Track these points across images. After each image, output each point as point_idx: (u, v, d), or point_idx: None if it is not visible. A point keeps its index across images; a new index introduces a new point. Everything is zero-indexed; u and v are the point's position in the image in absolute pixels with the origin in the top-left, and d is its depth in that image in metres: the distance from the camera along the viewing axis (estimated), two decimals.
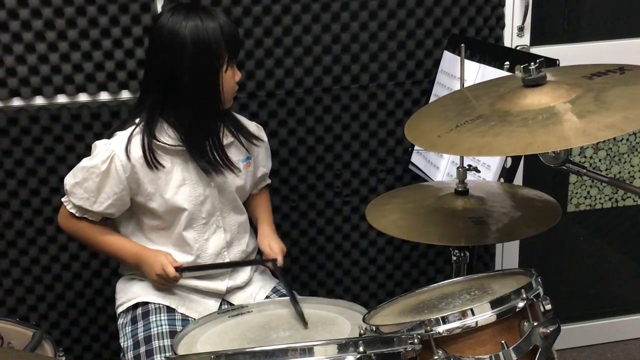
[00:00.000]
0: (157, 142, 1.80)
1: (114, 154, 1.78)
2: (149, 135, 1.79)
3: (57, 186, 2.22)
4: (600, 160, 2.71)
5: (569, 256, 2.82)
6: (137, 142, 1.79)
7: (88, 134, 2.22)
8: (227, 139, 1.91)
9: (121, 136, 1.81)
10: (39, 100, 2.20)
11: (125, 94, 2.23)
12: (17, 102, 2.19)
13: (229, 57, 1.79)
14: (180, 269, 1.84)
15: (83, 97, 2.22)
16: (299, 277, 2.50)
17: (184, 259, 1.87)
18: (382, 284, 2.59)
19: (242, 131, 1.95)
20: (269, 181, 2.14)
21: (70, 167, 1.87)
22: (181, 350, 1.55)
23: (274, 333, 1.59)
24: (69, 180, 1.83)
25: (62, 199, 1.87)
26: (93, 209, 1.82)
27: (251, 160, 1.98)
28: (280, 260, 1.94)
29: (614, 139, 2.68)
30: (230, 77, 1.82)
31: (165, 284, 1.86)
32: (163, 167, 1.81)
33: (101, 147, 1.80)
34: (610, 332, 2.89)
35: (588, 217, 2.78)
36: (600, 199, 2.76)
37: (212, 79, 1.78)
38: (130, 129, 1.81)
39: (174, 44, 1.74)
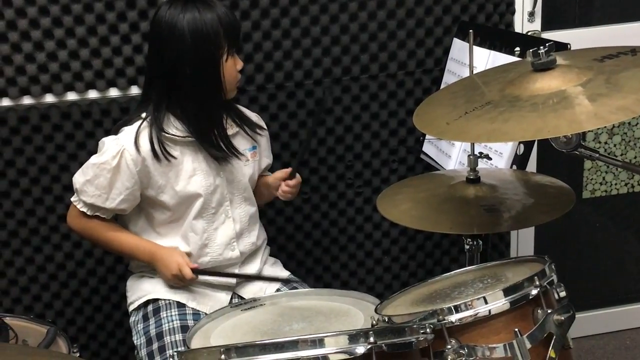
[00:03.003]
0: (166, 134, 1.81)
1: (123, 149, 1.78)
2: (157, 128, 1.80)
3: (69, 184, 2.20)
4: (615, 145, 2.67)
5: (586, 243, 2.79)
6: (145, 135, 1.80)
7: (98, 130, 2.22)
8: (232, 129, 1.92)
9: (129, 131, 1.81)
10: (49, 98, 2.20)
11: (134, 90, 2.23)
12: (27, 100, 2.19)
13: (228, 46, 1.79)
14: (197, 271, 1.84)
15: (92, 94, 2.22)
16: (312, 270, 2.50)
17: (191, 248, 1.87)
18: (396, 275, 2.57)
19: (246, 121, 1.96)
20: (269, 174, 2.12)
21: (81, 165, 1.87)
22: (194, 344, 1.54)
23: (287, 325, 1.59)
24: (79, 178, 1.83)
25: (72, 199, 1.87)
26: (105, 206, 1.82)
27: (257, 150, 1.98)
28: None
29: (629, 123, 2.65)
30: (232, 66, 1.82)
31: (179, 283, 1.86)
32: (174, 157, 1.81)
33: (110, 143, 1.80)
34: (629, 319, 2.86)
35: (604, 203, 2.75)
36: (615, 184, 2.73)
37: (213, 69, 1.78)
38: (137, 124, 1.82)
39: (173, 37, 1.75)
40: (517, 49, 1.93)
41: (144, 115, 1.83)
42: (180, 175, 1.83)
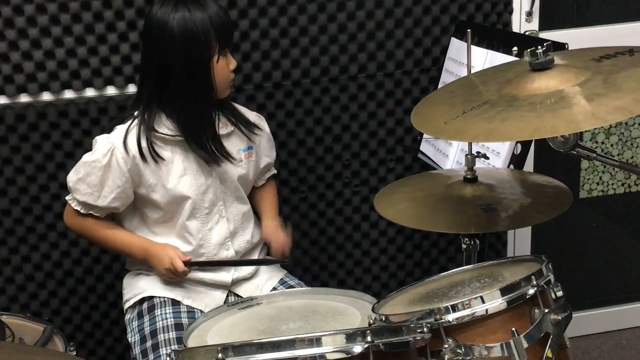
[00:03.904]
0: (156, 134, 1.80)
1: (114, 147, 1.78)
2: (147, 127, 1.80)
3: (66, 182, 2.21)
4: (612, 145, 2.68)
5: (582, 243, 2.80)
6: (133, 134, 1.80)
7: (95, 129, 2.21)
8: (227, 128, 1.90)
9: (120, 129, 1.82)
10: (46, 96, 2.20)
11: (132, 88, 2.23)
12: (24, 98, 2.19)
13: (219, 47, 1.78)
14: (189, 264, 1.84)
15: (90, 92, 2.22)
16: (309, 269, 2.50)
17: (187, 249, 1.87)
18: (393, 274, 2.57)
19: (242, 120, 1.94)
20: (274, 171, 2.12)
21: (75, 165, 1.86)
22: (191, 343, 1.54)
23: (284, 324, 1.58)
24: (72, 177, 1.83)
25: (67, 197, 1.87)
26: (98, 204, 1.82)
27: (253, 150, 1.97)
28: (286, 252, 1.95)
29: (626, 123, 2.65)
30: (224, 66, 1.81)
31: (173, 277, 1.86)
32: (162, 159, 1.81)
33: (101, 142, 1.80)
34: (625, 319, 2.86)
35: (601, 203, 2.75)
36: (612, 184, 2.73)
37: (203, 69, 1.77)
38: (128, 122, 1.82)
39: (163, 36, 1.75)
40: (515, 48, 1.93)
41: (135, 113, 1.83)
42: (171, 174, 1.82)
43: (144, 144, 1.79)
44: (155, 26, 1.75)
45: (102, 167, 1.78)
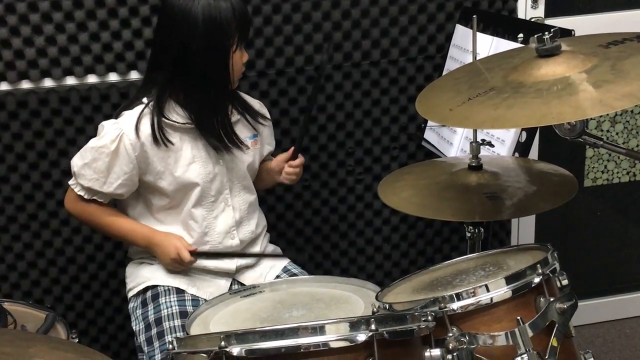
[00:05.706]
0: (167, 120, 1.80)
1: (122, 133, 1.77)
2: (159, 113, 1.79)
3: (67, 169, 2.17)
4: (617, 134, 2.66)
5: (587, 231, 2.79)
6: (146, 121, 1.79)
7: (97, 115, 2.20)
8: (234, 117, 1.90)
9: (130, 115, 1.80)
10: (48, 83, 2.18)
11: (134, 75, 2.21)
12: (26, 84, 2.17)
13: (239, 37, 1.78)
14: (195, 253, 1.83)
15: (92, 79, 2.20)
16: (312, 257, 2.49)
17: (192, 237, 1.87)
18: (396, 263, 2.57)
19: (249, 110, 1.95)
20: (271, 158, 2.11)
21: (80, 149, 1.85)
22: (194, 330, 1.54)
23: (287, 312, 1.58)
24: (77, 162, 1.82)
25: (70, 182, 1.86)
26: (103, 190, 1.81)
27: (258, 138, 1.97)
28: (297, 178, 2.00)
29: (632, 111, 2.64)
30: (239, 58, 1.81)
31: (178, 267, 1.86)
32: (172, 144, 1.80)
33: (109, 127, 1.79)
34: (629, 307, 2.85)
35: (605, 192, 2.74)
36: (617, 173, 2.72)
37: (222, 58, 1.77)
38: (139, 108, 1.81)
39: (186, 22, 1.73)
40: (521, 35, 1.91)
41: (145, 100, 1.82)
42: (179, 162, 1.82)
43: (157, 130, 1.78)
44: (178, 11, 1.73)
45: (110, 153, 1.77)
